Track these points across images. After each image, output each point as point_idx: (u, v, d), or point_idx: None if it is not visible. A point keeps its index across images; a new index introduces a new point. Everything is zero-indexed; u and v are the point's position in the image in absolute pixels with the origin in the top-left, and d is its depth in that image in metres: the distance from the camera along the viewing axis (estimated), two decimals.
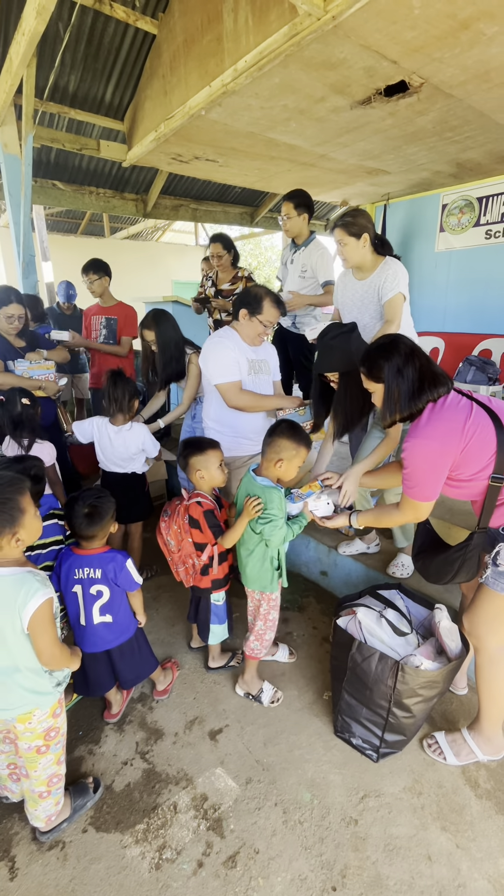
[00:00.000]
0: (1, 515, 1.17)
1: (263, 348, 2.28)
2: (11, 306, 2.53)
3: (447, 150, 3.51)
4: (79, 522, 1.53)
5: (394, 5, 1.86)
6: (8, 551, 1.20)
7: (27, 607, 1.17)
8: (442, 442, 1.34)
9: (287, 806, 1.49)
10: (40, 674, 1.27)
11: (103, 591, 1.58)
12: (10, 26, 2.76)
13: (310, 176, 4.23)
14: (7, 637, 1.20)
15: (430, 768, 1.61)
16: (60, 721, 1.35)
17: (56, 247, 7.98)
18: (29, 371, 2.60)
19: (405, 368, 1.40)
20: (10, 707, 1.25)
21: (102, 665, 1.66)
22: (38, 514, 1.27)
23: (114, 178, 4.70)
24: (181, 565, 1.88)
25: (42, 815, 1.36)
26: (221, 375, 2.10)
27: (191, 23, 2.67)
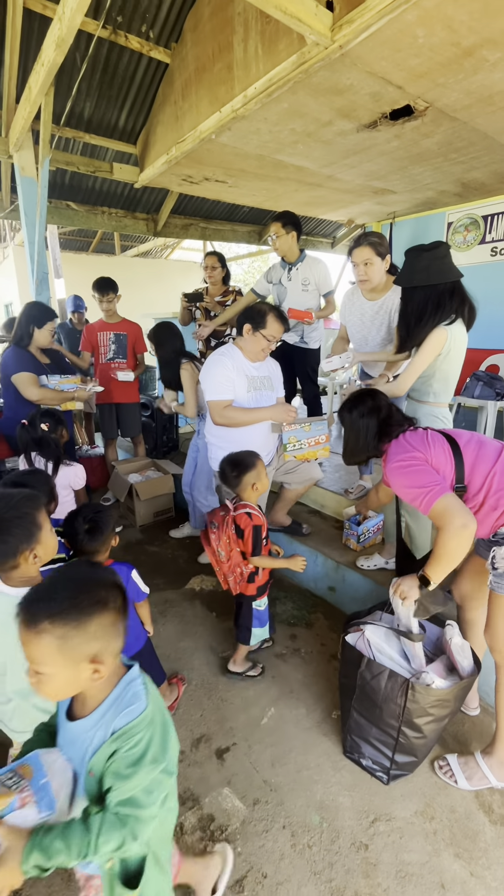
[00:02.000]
0: (19, 532, 1.12)
1: (266, 365, 2.31)
2: (54, 321, 2.73)
3: (452, 170, 3.58)
4: (80, 538, 1.50)
5: (399, 34, 1.93)
6: (25, 569, 1.16)
7: None
8: (411, 452, 1.49)
9: (295, 829, 1.45)
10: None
11: None
12: (29, 58, 2.89)
13: (317, 196, 4.32)
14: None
15: (442, 792, 1.57)
16: None
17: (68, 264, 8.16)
18: (60, 385, 2.72)
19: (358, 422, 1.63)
20: (27, 730, 1.20)
21: None
22: (53, 531, 1.25)
23: (125, 199, 4.83)
24: (231, 575, 1.89)
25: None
26: (212, 392, 2.16)
27: (202, 52, 2.77)
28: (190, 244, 10.87)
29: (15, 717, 1.23)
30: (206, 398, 2.20)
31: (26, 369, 2.61)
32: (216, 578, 2.78)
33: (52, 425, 2.15)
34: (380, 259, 2.24)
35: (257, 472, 1.89)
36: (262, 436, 2.27)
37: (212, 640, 2.29)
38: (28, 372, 2.61)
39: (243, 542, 1.84)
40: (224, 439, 2.26)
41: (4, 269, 10.13)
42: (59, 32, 2.01)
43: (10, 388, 2.68)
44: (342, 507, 2.92)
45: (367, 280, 2.29)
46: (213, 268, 3.49)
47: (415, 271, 1.85)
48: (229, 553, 1.84)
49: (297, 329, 3.18)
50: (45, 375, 2.69)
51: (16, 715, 1.23)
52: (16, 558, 1.13)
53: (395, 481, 1.50)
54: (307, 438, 2.15)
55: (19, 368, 2.60)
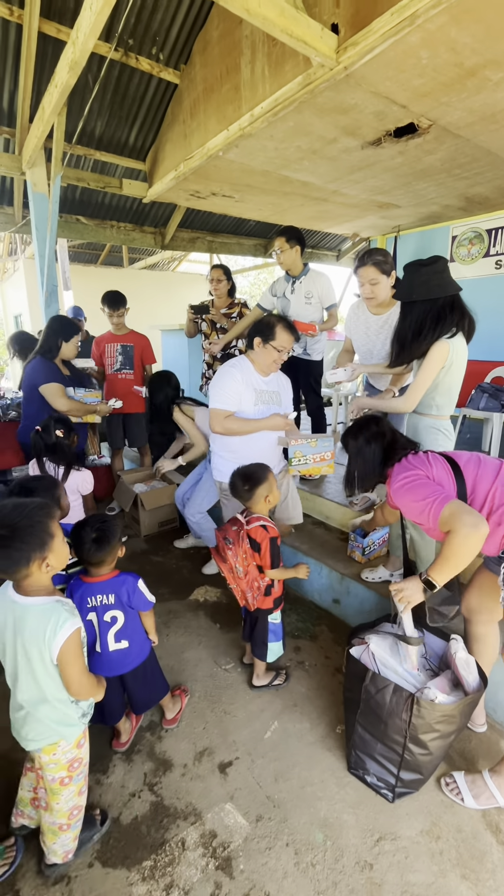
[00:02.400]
0: (32, 540, 1.12)
1: (276, 380, 2.33)
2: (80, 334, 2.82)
3: (456, 185, 3.62)
4: (87, 548, 1.50)
5: (402, 56, 1.98)
6: (37, 577, 1.17)
7: (56, 639, 1.14)
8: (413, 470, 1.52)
9: (299, 846, 1.43)
10: (68, 704, 1.25)
11: (118, 616, 1.56)
12: (43, 79, 2.99)
13: (322, 210, 4.39)
14: (36, 668, 1.18)
15: (449, 811, 1.54)
16: (84, 752, 1.33)
17: (77, 276, 8.30)
18: (84, 398, 2.83)
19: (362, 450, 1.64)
20: (37, 738, 1.24)
21: (116, 691, 1.63)
22: (65, 540, 1.24)
23: (134, 213, 4.93)
24: (249, 591, 1.85)
25: (60, 850, 1.32)
26: (216, 401, 2.19)
27: (211, 73, 2.85)
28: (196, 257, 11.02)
29: (26, 725, 1.25)
30: (210, 405, 2.23)
31: (55, 380, 2.71)
32: (220, 589, 2.78)
33: (65, 432, 2.20)
34: (385, 277, 2.27)
35: (269, 484, 1.88)
36: (269, 448, 2.28)
37: (215, 652, 2.28)
38: (57, 383, 2.71)
39: (259, 555, 1.83)
40: (229, 450, 2.27)
41: (15, 281, 10.30)
42: (73, 55, 2.08)
43: (34, 399, 2.74)
44: (347, 518, 2.91)
45: (373, 297, 2.32)
46: (219, 280, 3.54)
47: (414, 286, 1.88)
48: (247, 568, 1.81)
49: (301, 341, 3.21)
50: (71, 388, 2.80)
51: (26, 723, 1.24)
52: (28, 566, 1.13)
53: (401, 499, 1.52)
54: (312, 454, 2.15)
55: (49, 379, 2.69)
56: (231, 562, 1.80)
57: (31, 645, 1.16)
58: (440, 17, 1.75)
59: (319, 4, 2.05)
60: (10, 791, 1.48)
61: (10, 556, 1.11)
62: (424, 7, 1.69)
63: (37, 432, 2.18)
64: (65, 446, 2.16)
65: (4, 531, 1.10)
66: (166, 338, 5.28)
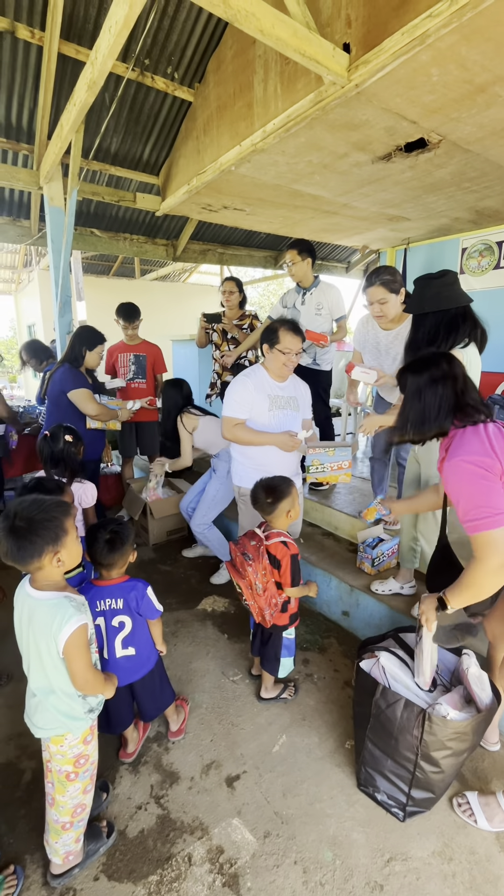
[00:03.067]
0: (46, 533, 1.17)
1: (293, 385, 2.34)
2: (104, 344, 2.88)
3: (466, 198, 3.64)
4: (99, 549, 1.53)
5: (413, 73, 2.01)
6: (49, 571, 1.22)
7: (62, 633, 1.19)
8: (489, 458, 1.23)
9: (307, 865, 1.40)
10: (74, 698, 1.28)
11: (125, 622, 1.58)
12: (62, 98, 3.08)
13: (332, 223, 4.43)
14: (45, 659, 1.23)
15: (462, 832, 1.50)
16: (91, 749, 1.35)
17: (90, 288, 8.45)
18: (108, 405, 2.92)
19: (426, 391, 1.34)
20: (45, 727, 1.29)
21: (123, 700, 1.64)
22: (79, 539, 1.28)
23: (146, 226, 5.01)
24: (268, 608, 1.80)
25: (61, 850, 1.34)
26: (227, 408, 2.24)
27: (224, 91, 2.91)
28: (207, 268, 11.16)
29: (37, 712, 1.29)
30: (223, 412, 2.27)
31: (84, 386, 2.79)
32: (228, 599, 2.77)
33: (73, 440, 2.20)
34: (394, 295, 2.28)
35: (292, 499, 1.86)
36: (286, 455, 2.28)
37: (223, 663, 2.26)
38: (87, 388, 2.79)
39: (279, 572, 1.80)
40: (247, 456, 2.30)
41: (29, 292, 10.50)
42: (91, 75, 2.14)
43: (61, 405, 2.80)
44: (356, 529, 2.89)
45: (382, 316, 2.34)
46: (231, 292, 3.61)
47: (425, 298, 1.88)
48: (266, 585, 1.78)
49: (310, 351, 3.24)
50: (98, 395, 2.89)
51: (37, 711, 1.29)
52: (41, 559, 1.18)
53: (456, 481, 1.27)
54: (330, 463, 2.15)
55: (77, 385, 2.77)
56: (251, 578, 1.75)
57: (40, 637, 1.22)
58: (451, 36, 1.77)
59: (331, 25, 2.10)
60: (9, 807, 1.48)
61: (25, 547, 1.16)
62: (435, 27, 1.72)
63: (44, 438, 2.18)
64: (71, 455, 2.16)
65: (22, 523, 1.16)
66: (177, 348, 5.33)
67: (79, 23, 2.71)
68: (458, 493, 1.27)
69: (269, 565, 1.78)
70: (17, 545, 1.16)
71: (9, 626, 1.31)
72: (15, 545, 1.16)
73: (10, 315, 17.91)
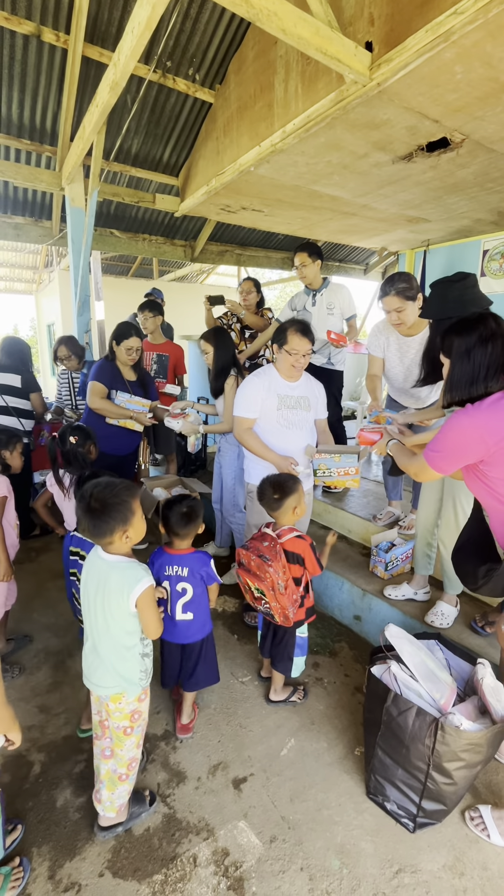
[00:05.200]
0: (118, 515, 1.33)
1: (307, 385, 2.33)
2: (132, 339, 2.76)
3: (488, 199, 3.58)
4: (175, 521, 1.73)
5: (436, 72, 1.98)
6: (119, 545, 1.38)
7: (135, 589, 1.34)
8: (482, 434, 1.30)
9: (314, 872, 1.38)
10: (132, 660, 1.42)
11: (188, 588, 1.74)
12: (85, 100, 3.12)
13: (351, 224, 4.40)
14: (113, 618, 1.37)
15: (474, 846, 1.46)
16: (144, 707, 1.49)
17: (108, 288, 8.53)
18: (127, 403, 2.83)
19: (475, 351, 1.33)
20: (106, 686, 1.42)
21: (176, 657, 1.82)
22: (143, 518, 1.42)
23: (165, 227, 5.06)
24: (291, 606, 1.79)
25: (116, 802, 1.45)
26: (237, 408, 2.26)
27: (244, 92, 2.92)
28: (224, 270, 11.20)
29: (97, 672, 1.43)
30: (234, 412, 2.29)
31: (100, 379, 2.78)
32: (238, 600, 2.75)
33: (80, 439, 2.18)
34: (411, 302, 2.24)
35: (298, 496, 1.87)
36: (296, 456, 2.27)
37: (232, 664, 2.25)
38: (100, 383, 2.77)
39: (298, 566, 1.83)
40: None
41: (49, 292, 10.68)
42: (114, 77, 2.17)
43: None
44: (370, 533, 2.85)
45: (400, 324, 2.31)
46: (249, 292, 3.64)
47: (447, 302, 1.84)
48: (286, 582, 1.78)
49: (324, 351, 3.22)
50: (116, 391, 2.81)
51: (97, 671, 1.42)
52: (112, 536, 1.35)
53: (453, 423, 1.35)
54: (337, 468, 2.14)
55: (95, 377, 2.78)
56: (273, 578, 1.74)
57: (112, 596, 1.36)
58: (476, 33, 1.74)
59: (354, 24, 2.08)
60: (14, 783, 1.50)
61: (99, 526, 1.33)
62: (460, 23, 1.69)
63: (52, 438, 2.19)
64: (78, 455, 2.14)
65: (97, 504, 1.32)
66: (193, 346, 5.37)
67: (102, 25, 2.75)
68: (445, 431, 1.38)
69: (287, 562, 1.79)
70: (93, 524, 1.33)
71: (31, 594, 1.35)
72: (91, 524, 1.33)
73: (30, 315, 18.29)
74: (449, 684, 1.52)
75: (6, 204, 4.14)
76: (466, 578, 1.56)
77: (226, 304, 3.63)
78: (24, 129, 3.32)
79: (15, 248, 9.27)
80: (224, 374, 2.73)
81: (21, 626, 2.46)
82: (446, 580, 2.16)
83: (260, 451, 2.21)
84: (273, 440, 2.23)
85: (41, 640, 2.37)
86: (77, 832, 1.48)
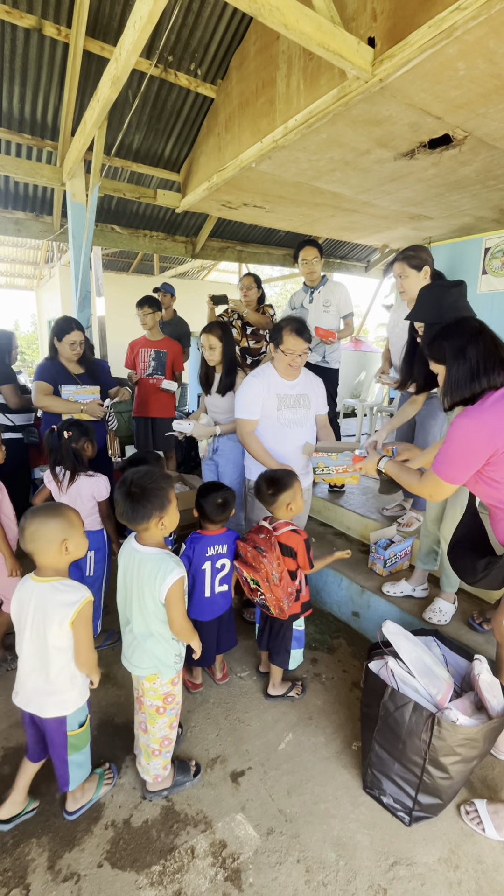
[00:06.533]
0: (155, 501, 1.40)
1: (305, 382, 2.33)
2: (73, 333, 2.68)
3: (490, 197, 3.57)
4: (212, 510, 1.86)
5: (439, 68, 1.97)
6: (154, 532, 1.45)
7: (166, 581, 1.40)
8: (491, 433, 1.30)
9: (310, 864, 1.39)
10: (168, 641, 1.50)
11: (226, 563, 1.90)
12: (86, 95, 3.11)
13: (352, 221, 4.39)
14: (147, 606, 1.44)
15: (469, 840, 1.47)
16: (177, 690, 1.56)
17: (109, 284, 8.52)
18: (74, 395, 2.72)
19: (468, 348, 1.36)
20: (141, 666, 1.50)
21: (213, 633, 1.95)
22: (177, 508, 1.48)
23: (166, 223, 5.04)
24: (286, 598, 1.81)
25: (151, 771, 1.57)
26: (238, 410, 2.26)
27: (246, 88, 2.91)
28: (225, 266, 11.18)
29: (135, 653, 1.51)
30: (235, 415, 2.28)
31: (42, 378, 2.69)
32: (237, 596, 2.76)
33: (75, 435, 2.17)
34: (415, 271, 2.28)
35: (293, 492, 1.89)
36: (295, 454, 2.28)
37: (231, 659, 2.26)
38: (43, 381, 2.67)
39: (293, 559, 1.85)
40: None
41: (50, 288, 10.67)
42: (115, 71, 2.16)
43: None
44: (369, 530, 2.86)
45: (403, 291, 2.37)
46: (249, 288, 3.64)
47: (443, 307, 1.84)
48: (281, 574, 1.80)
49: (319, 349, 3.23)
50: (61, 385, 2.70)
51: (135, 652, 1.51)
52: (149, 522, 1.41)
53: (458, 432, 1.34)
54: (334, 466, 2.15)
55: (37, 377, 2.70)
56: (267, 569, 1.77)
57: (145, 585, 1.43)
58: (479, 28, 1.74)
59: (357, 19, 2.08)
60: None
61: (138, 510, 1.39)
62: (463, 19, 1.69)
63: (50, 432, 2.17)
64: (70, 451, 2.13)
65: (136, 490, 1.39)
66: (194, 343, 5.36)
67: (104, 19, 2.73)
68: (450, 440, 1.37)
69: (282, 555, 1.81)
70: (132, 508, 1.39)
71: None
72: (130, 508, 1.39)
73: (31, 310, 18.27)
74: (445, 679, 1.54)
75: (7, 199, 4.12)
76: (465, 573, 1.57)
77: (229, 304, 3.63)
78: (25, 124, 3.31)
79: (16, 243, 9.25)
80: (234, 370, 2.64)
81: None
82: (444, 578, 2.17)
83: (261, 457, 2.22)
84: (273, 440, 2.24)
85: None
86: (76, 823, 1.50)
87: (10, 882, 1.33)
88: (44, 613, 1.33)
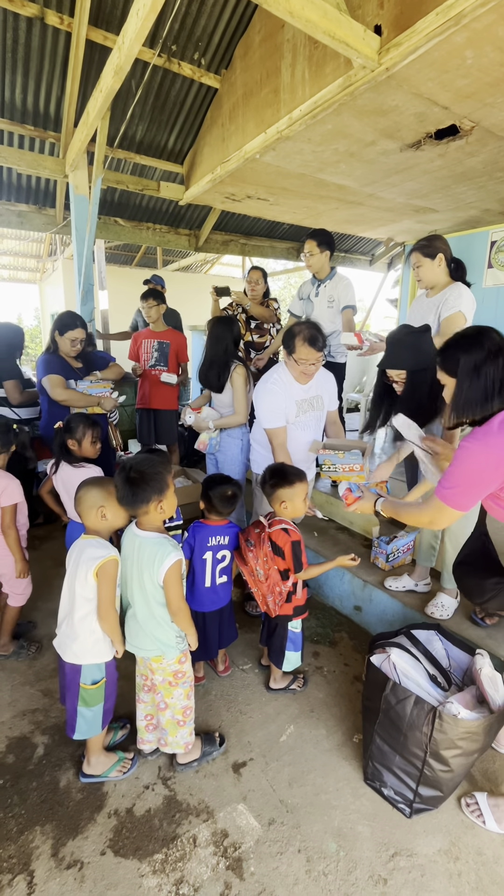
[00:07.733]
0: (154, 485, 1.45)
1: (318, 383, 2.34)
2: (76, 331, 2.71)
3: (497, 189, 3.53)
4: (219, 502, 1.88)
5: (447, 56, 1.94)
6: (153, 517, 1.50)
7: (164, 564, 1.45)
8: (500, 458, 1.24)
9: (311, 854, 1.41)
10: (168, 623, 1.54)
11: (227, 555, 1.92)
12: (89, 85, 3.08)
13: (357, 214, 4.35)
14: (147, 589, 1.50)
15: (469, 832, 1.48)
16: (186, 667, 1.62)
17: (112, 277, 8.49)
18: (88, 389, 2.78)
19: (484, 366, 1.28)
20: (146, 648, 1.56)
21: (215, 625, 1.96)
22: (174, 493, 1.54)
23: (170, 215, 5.01)
24: (270, 595, 1.82)
25: (181, 742, 1.62)
26: (267, 421, 2.25)
27: (251, 78, 2.87)
28: (229, 260, 11.12)
29: (138, 636, 1.57)
30: (264, 426, 2.28)
31: (53, 372, 2.70)
32: (239, 589, 2.77)
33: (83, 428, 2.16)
34: (429, 259, 2.32)
35: (293, 491, 1.83)
36: (302, 452, 2.30)
37: (233, 652, 2.27)
38: (55, 374, 2.70)
39: (283, 559, 1.80)
40: (266, 447, 2.33)
41: (53, 281, 10.64)
42: (118, 61, 2.13)
43: (44, 393, 2.78)
44: (371, 524, 2.86)
45: (420, 280, 2.41)
46: (256, 282, 3.64)
47: (421, 353, 1.84)
48: (267, 572, 1.79)
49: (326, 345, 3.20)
50: (73, 380, 2.75)
51: (138, 635, 1.57)
52: (148, 505, 1.46)
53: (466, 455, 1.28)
54: (340, 464, 2.15)
55: (47, 371, 2.71)
56: (251, 564, 1.80)
57: (145, 569, 1.49)
58: (488, 15, 1.71)
59: (363, 6, 2.04)
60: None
61: (137, 494, 1.44)
62: (471, 6, 1.65)
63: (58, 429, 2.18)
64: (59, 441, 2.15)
65: (135, 475, 1.44)
66: (197, 337, 5.34)
67: (107, 8, 2.70)
68: (457, 464, 1.32)
69: (271, 552, 1.78)
70: (132, 492, 1.44)
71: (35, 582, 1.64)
72: (130, 492, 1.44)
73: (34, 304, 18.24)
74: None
75: (9, 191, 4.10)
76: (472, 593, 1.54)
77: (231, 296, 3.62)
78: (28, 115, 3.28)
79: (18, 236, 9.22)
80: (216, 367, 2.61)
81: (25, 612, 2.49)
82: (445, 573, 2.17)
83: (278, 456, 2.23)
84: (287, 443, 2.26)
85: (45, 626, 2.40)
86: (80, 812, 1.51)
87: (15, 868, 1.35)
88: (77, 564, 1.50)
